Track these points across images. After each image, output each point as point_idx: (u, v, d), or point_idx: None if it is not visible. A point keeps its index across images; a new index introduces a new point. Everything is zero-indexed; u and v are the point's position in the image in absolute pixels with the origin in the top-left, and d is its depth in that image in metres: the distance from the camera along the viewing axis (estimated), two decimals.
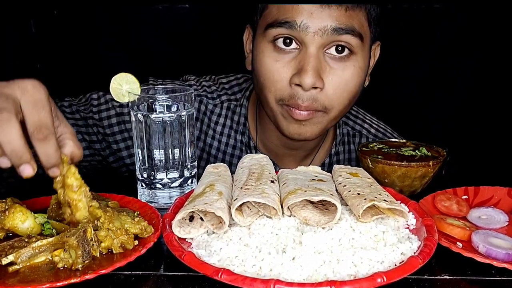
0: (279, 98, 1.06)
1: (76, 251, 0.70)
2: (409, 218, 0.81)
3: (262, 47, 1.06)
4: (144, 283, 0.69)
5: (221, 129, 1.30)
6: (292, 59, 1.03)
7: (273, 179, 0.86)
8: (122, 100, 0.94)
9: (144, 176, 0.96)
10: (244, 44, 1.20)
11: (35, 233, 0.79)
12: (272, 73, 1.04)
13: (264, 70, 1.06)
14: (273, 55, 1.04)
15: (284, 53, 1.03)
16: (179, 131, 0.94)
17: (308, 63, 0.99)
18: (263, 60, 1.05)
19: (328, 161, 1.31)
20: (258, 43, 1.08)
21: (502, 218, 0.87)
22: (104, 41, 1.92)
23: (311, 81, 0.99)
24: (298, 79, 1.00)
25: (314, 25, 0.98)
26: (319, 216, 0.77)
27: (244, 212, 0.78)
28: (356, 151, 1.28)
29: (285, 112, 1.07)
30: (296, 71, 1.01)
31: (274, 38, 1.03)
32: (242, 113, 1.28)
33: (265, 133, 1.27)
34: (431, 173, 0.96)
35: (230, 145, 1.30)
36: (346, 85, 1.04)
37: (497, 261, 0.70)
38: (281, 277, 0.65)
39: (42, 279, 0.67)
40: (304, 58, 1.00)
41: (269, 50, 1.05)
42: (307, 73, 0.99)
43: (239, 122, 1.29)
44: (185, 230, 0.77)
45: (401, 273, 0.64)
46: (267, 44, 1.05)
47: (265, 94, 1.08)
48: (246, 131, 1.28)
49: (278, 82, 1.04)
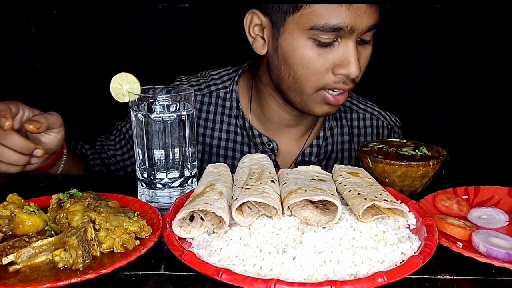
0: (321, 85, 1.14)
1: (76, 251, 0.70)
2: (410, 218, 0.81)
3: (302, 43, 1.10)
4: (144, 283, 0.69)
5: (213, 117, 1.35)
6: (333, 51, 1.10)
7: (273, 178, 0.86)
8: (122, 100, 0.94)
9: (144, 176, 0.96)
10: (248, 27, 1.21)
11: (41, 228, 0.82)
12: (315, 65, 1.11)
13: (305, 63, 1.12)
14: (315, 49, 1.10)
15: (325, 47, 1.10)
16: (179, 131, 0.94)
17: (353, 56, 1.09)
18: (305, 53, 1.11)
19: (323, 135, 1.37)
20: (294, 38, 1.11)
21: (502, 218, 0.87)
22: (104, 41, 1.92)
23: (358, 71, 1.10)
24: (346, 70, 1.10)
25: (359, 27, 1.07)
26: (320, 216, 0.77)
27: (245, 212, 0.78)
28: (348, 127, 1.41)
29: (319, 98, 1.16)
30: (339, 62, 1.10)
31: (316, 37, 1.08)
32: (233, 97, 1.35)
33: (265, 113, 1.33)
34: (431, 173, 0.96)
35: (224, 130, 1.35)
36: (366, 63, 1.17)
37: (498, 261, 0.70)
38: (281, 277, 0.65)
39: (42, 279, 0.67)
40: (347, 51, 1.09)
41: (310, 45, 1.10)
42: (354, 65, 1.09)
43: (231, 106, 1.35)
44: (186, 229, 0.77)
45: (402, 273, 0.64)
46: (307, 40, 1.10)
47: (302, 84, 1.15)
48: (240, 113, 1.34)
49: (321, 73, 1.12)
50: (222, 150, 1.35)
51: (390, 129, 1.44)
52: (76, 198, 0.83)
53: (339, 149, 1.40)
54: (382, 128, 1.43)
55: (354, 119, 1.42)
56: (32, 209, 0.83)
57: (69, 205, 0.80)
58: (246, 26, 1.21)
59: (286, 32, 1.12)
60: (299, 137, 1.38)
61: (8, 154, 0.98)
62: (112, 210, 0.80)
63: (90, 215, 0.77)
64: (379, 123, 1.43)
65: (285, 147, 1.36)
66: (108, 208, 0.80)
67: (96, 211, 0.78)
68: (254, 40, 1.21)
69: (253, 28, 1.20)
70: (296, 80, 1.15)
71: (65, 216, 0.78)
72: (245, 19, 1.20)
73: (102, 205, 0.82)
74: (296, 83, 1.16)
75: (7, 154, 0.98)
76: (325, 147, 1.38)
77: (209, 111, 1.35)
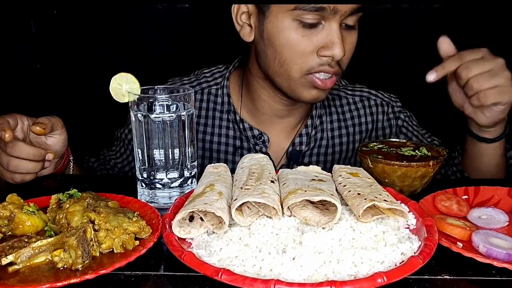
0: (307, 69, 1.14)
1: (76, 251, 0.69)
2: (409, 218, 0.80)
3: (286, 24, 1.11)
4: (144, 283, 0.69)
5: (205, 113, 1.36)
6: (317, 33, 1.11)
7: (273, 179, 0.86)
8: (122, 100, 0.94)
9: (144, 176, 0.96)
10: (235, 15, 1.23)
11: (41, 228, 0.82)
12: (300, 47, 1.12)
13: (290, 46, 1.12)
14: (300, 31, 1.11)
15: (310, 28, 1.10)
16: (179, 131, 0.94)
17: (336, 37, 1.10)
18: (290, 36, 1.11)
19: (311, 123, 1.37)
20: (278, 20, 1.12)
21: (502, 218, 0.87)
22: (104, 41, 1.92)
23: (342, 53, 1.10)
24: (330, 52, 1.10)
25: (342, 8, 1.08)
26: (319, 216, 0.77)
27: (244, 212, 0.78)
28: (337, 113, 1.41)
29: (307, 82, 1.16)
30: (323, 44, 1.11)
31: (300, 18, 1.09)
32: (224, 93, 1.36)
33: (256, 105, 1.34)
34: (431, 173, 0.96)
35: (216, 125, 1.36)
36: (353, 49, 1.18)
37: (498, 261, 0.70)
38: (281, 277, 0.65)
39: (42, 279, 0.67)
40: (330, 33, 1.10)
41: (295, 26, 1.11)
42: (339, 46, 1.09)
43: (223, 102, 1.36)
44: (185, 230, 0.77)
45: (402, 273, 0.64)
46: (292, 22, 1.10)
47: (288, 67, 1.15)
48: (231, 108, 1.35)
49: (306, 55, 1.12)
50: (215, 145, 1.36)
51: (386, 105, 1.43)
52: (75, 199, 0.83)
53: (329, 136, 1.39)
54: (375, 107, 1.42)
55: (344, 105, 1.42)
56: (32, 209, 0.83)
57: (68, 205, 0.80)
58: (234, 14, 1.22)
59: (271, 15, 1.13)
60: (291, 129, 1.38)
61: (24, 164, 1.01)
62: (111, 210, 0.80)
63: (90, 216, 0.77)
64: (370, 103, 1.42)
65: (276, 139, 1.36)
66: (108, 209, 0.80)
67: (96, 211, 0.78)
68: (242, 27, 1.22)
69: (240, 16, 1.21)
70: (282, 63, 1.15)
71: (64, 216, 0.78)
72: (232, 7, 1.22)
73: (101, 205, 0.82)
74: (282, 67, 1.16)
75: (23, 164, 1.01)
76: (315, 135, 1.38)
77: (201, 108, 1.36)
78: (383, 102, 1.43)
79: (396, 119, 1.43)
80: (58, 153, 1.13)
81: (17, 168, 1.01)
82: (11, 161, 1.00)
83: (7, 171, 1.02)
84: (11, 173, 1.02)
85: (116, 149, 1.46)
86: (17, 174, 1.02)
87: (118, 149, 1.45)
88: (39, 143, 1.08)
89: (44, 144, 1.09)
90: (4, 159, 1.01)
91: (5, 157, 1.00)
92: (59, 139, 1.10)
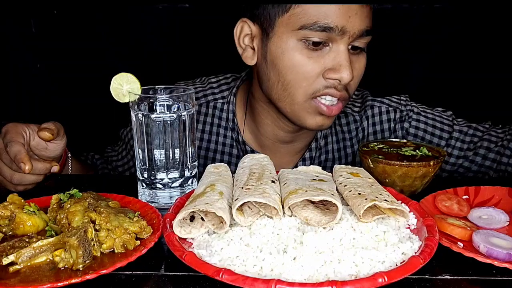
0: (312, 92, 1.09)
1: (77, 251, 0.69)
2: (410, 218, 0.81)
3: (291, 45, 1.07)
4: (145, 283, 0.69)
5: (209, 128, 1.32)
6: (324, 55, 1.06)
7: (273, 179, 0.86)
8: (123, 100, 0.94)
9: (145, 176, 0.96)
10: (238, 38, 1.18)
11: (41, 228, 0.82)
12: (305, 69, 1.07)
13: (294, 67, 1.07)
14: (305, 52, 1.06)
15: (315, 50, 1.06)
16: (179, 131, 0.94)
17: (345, 59, 1.05)
18: (294, 57, 1.07)
19: (316, 146, 1.32)
20: (283, 41, 1.07)
21: (502, 218, 0.87)
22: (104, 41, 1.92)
23: (350, 76, 1.05)
24: (338, 75, 1.05)
25: (351, 29, 1.04)
26: (320, 216, 0.77)
27: (245, 212, 0.78)
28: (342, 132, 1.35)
29: (311, 107, 1.11)
30: (330, 67, 1.06)
31: (305, 38, 1.05)
32: (230, 109, 1.31)
33: (259, 129, 1.29)
34: (432, 173, 0.96)
35: (220, 142, 1.32)
36: (361, 74, 1.13)
37: (498, 261, 0.70)
38: (282, 277, 0.65)
39: (43, 279, 0.67)
40: (339, 55, 1.05)
41: (300, 47, 1.06)
42: (347, 69, 1.04)
43: (227, 118, 1.31)
44: (186, 230, 0.77)
45: (402, 273, 0.64)
46: (297, 42, 1.06)
47: (292, 90, 1.10)
48: (235, 127, 1.31)
49: (311, 78, 1.07)
50: (217, 162, 1.32)
51: (393, 111, 1.34)
52: (76, 199, 0.83)
53: (335, 157, 1.35)
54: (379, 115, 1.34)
55: (350, 122, 1.35)
56: (32, 209, 0.83)
57: (69, 205, 0.80)
58: (236, 36, 1.18)
59: (276, 36, 1.09)
60: (295, 153, 1.33)
61: (27, 178, 1.01)
62: (112, 210, 0.80)
63: (91, 215, 0.77)
64: (374, 111, 1.34)
65: (279, 163, 1.28)
66: (109, 209, 0.80)
67: (97, 211, 0.78)
68: (244, 50, 1.18)
69: (243, 38, 1.17)
70: (286, 86, 1.10)
71: (65, 216, 0.78)
72: (235, 29, 1.18)
73: (102, 205, 0.82)
74: (286, 90, 1.10)
75: (26, 177, 1.01)
76: (319, 157, 1.33)
77: (206, 122, 1.32)
78: (389, 108, 1.35)
79: (401, 123, 1.34)
80: (57, 158, 1.12)
81: (21, 181, 1.01)
82: (15, 175, 1.00)
83: (11, 183, 1.01)
84: (14, 185, 1.02)
85: (118, 150, 1.45)
86: (20, 185, 1.02)
87: (120, 150, 1.44)
88: (39, 149, 1.06)
89: (45, 149, 1.07)
90: (7, 173, 1.00)
91: (8, 171, 1.00)
92: (60, 144, 1.09)
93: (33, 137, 1.05)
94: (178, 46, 1.90)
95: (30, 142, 1.04)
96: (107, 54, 1.91)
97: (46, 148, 1.07)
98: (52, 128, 1.02)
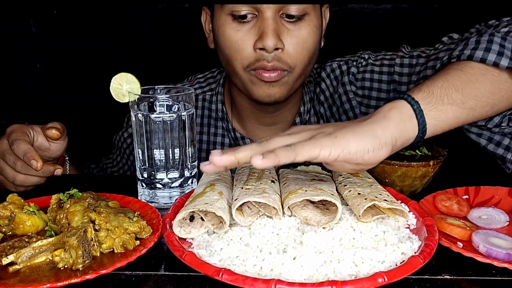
0: (246, 64, 1.11)
1: (76, 251, 0.70)
2: (410, 218, 0.81)
3: (222, 21, 1.10)
4: (144, 283, 0.69)
5: (200, 121, 1.34)
6: (252, 27, 1.08)
7: (273, 179, 0.86)
8: (123, 100, 0.94)
9: (144, 176, 0.96)
10: (203, 25, 1.24)
11: (41, 228, 0.82)
12: (236, 42, 1.09)
13: (227, 41, 1.11)
14: (234, 25, 1.09)
15: (243, 23, 1.08)
16: (179, 131, 0.94)
17: (267, 26, 1.05)
18: (225, 32, 1.10)
19: (299, 120, 1.31)
20: (217, 18, 1.12)
21: (502, 218, 0.87)
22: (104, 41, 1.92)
23: (273, 43, 1.05)
24: (261, 43, 1.06)
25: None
26: (320, 216, 0.77)
27: (245, 212, 0.78)
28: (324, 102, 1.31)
29: (253, 77, 1.12)
30: (257, 37, 1.07)
31: (232, 11, 1.08)
32: (218, 100, 1.34)
33: (241, 114, 1.31)
34: (432, 173, 0.96)
35: (212, 133, 1.34)
36: (305, 43, 1.11)
37: (498, 261, 0.70)
38: (282, 277, 0.65)
39: (42, 279, 0.67)
40: (263, 24, 1.06)
41: (228, 21, 1.09)
42: (268, 36, 1.05)
43: (217, 109, 1.34)
44: (186, 230, 0.77)
45: (402, 273, 0.64)
46: (225, 17, 1.09)
47: (232, 64, 1.13)
48: (224, 116, 1.33)
49: (243, 50, 1.09)
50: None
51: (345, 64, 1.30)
52: (76, 198, 0.83)
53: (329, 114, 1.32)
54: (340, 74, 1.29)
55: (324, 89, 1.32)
56: (32, 209, 0.83)
57: (69, 205, 0.80)
58: (203, 23, 1.23)
59: (214, 16, 1.14)
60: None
61: (30, 179, 1.01)
62: (112, 210, 0.80)
63: (90, 215, 0.77)
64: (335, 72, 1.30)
65: None
66: (108, 209, 0.80)
67: (96, 211, 0.78)
68: (208, 35, 1.23)
69: (208, 24, 1.22)
70: (227, 61, 1.13)
71: (65, 216, 0.78)
72: (201, 18, 1.23)
73: (102, 205, 0.82)
74: (228, 65, 1.14)
75: (29, 179, 1.01)
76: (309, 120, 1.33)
77: (196, 115, 1.33)
78: (341, 63, 1.30)
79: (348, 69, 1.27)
80: (57, 158, 1.13)
81: (23, 183, 1.01)
82: (18, 176, 1.00)
83: (12, 184, 1.02)
84: (16, 186, 1.02)
85: (112, 157, 1.46)
86: (21, 186, 1.02)
87: (115, 157, 1.45)
88: (42, 149, 1.06)
89: (48, 149, 1.07)
90: (10, 174, 1.00)
91: (11, 172, 1.00)
92: (62, 144, 1.09)
93: (36, 138, 1.05)
94: (178, 46, 1.90)
95: (33, 143, 1.04)
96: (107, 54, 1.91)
97: (49, 148, 1.08)
98: (58, 127, 1.04)
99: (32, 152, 0.96)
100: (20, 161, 0.97)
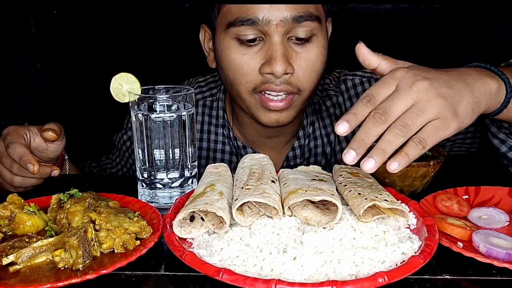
0: (252, 87, 1.09)
1: (76, 251, 0.70)
2: (410, 218, 0.80)
3: (226, 44, 1.08)
4: (145, 283, 0.69)
5: (200, 127, 1.32)
6: (258, 50, 1.06)
7: (273, 179, 0.86)
8: (123, 100, 0.94)
9: (145, 176, 0.96)
10: (202, 43, 1.22)
11: (41, 228, 0.82)
12: (241, 66, 1.07)
13: (231, 65, 1.09)
14: (239, 49, 1.07)
15: (249, 46, 1.06)
16: (179, 131, 0.94)
17: (276, 51, 1.03)
18: (230, 56, 1.08)
19: (303, 134, 1.30)
20: (221, 40, 1.10)
21: (502, 218, 0.87)
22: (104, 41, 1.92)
23: (282, 68, 1.03)
24: (269, 68, 1.04)
25: (275, 17, 1.02)
26: (320, 216, 0.77)
27: (245, 212, 0.78)
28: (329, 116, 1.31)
29: (258, 102, 1.11)
30: (264, 61, 1.05)
31: (237, 35, 1.06)
32: (220, 106, 1.32)
33: (242, 126, 1.29)
34: (432, 173, 0.96)
35: (212, 140, 1.32)
36: (314, 65, 1.09)
37: (498, 261, 0.70)
38: (282, 277, 0.65)
39: (43, 279, 0.67)
40: (271, 48, 1.04)
41: (234, 45, 1.07)
42: (277, 61, 1.03)
43: (218, 116, 1.32)
44: (186, 230, 0.77)
45: (402, 273, 0.64)
46: (231, 41, 1.07)
47: (236, 88, 1.11)
48: (225, 123, 1.31)
49: (248, 74, 1.08)
50: (211, 161, 1.31)
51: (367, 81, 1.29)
52: (76, 199, 0.83)
53: (324, 142, 1.31)
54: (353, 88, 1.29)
55: (335, 104, 1.30)
56: (32, 209, 0.83)
57: (69, 205, 0.80)
58: (202, 42, 1.21)
59: (217, 37, 1.11)
60: (283, 145, 1.32)
61: (28, 181, 1.02)
62: (112, 210, 0.80)
63: (91, 216, 0.77)
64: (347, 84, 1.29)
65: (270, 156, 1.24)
66: (109, 209, 0.80)
67: (97, 211, 0.78)
68: (208, 54, 1.20)
69: (207, 43, 1.20)
70: (231, 85, 1.11)
71: (65, 216, 0.79)
72: (200, 36, 1.21)
73: (102, 205, 0.82)
74: (232, 88, 1.12)
75: (27, 181, 1.02)
76: (308, 145, 1.31)
77: (197, 121, 1.31)
78: (363, 79, 1.29)
79: None
80: (55, 158, 1.13)
81: (21, 184, 1.01)
82: (16, 178, 1.00)
83: (11, 186, 1.02)
84: (14, 187, 1.02)
85: (112, 158, 1.46)
86: (20, 187, 1.03)
87: (114, 158, 1.45)
88: (39, 150, 1.06)
89: (45, 150, 1.07)
90: (7, 176, 1.00)
91: (9, 174, 1.00)
92: (60, 145, 1.09)
93: (33, 139, 1.04)
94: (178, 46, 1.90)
95: (30, 144, 1.04)
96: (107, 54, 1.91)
97: (47, 149, 1.07)
98: (55, 129, 1.03)
99: (28, 156, 0.95)
100: (16, 164, 0.97)
